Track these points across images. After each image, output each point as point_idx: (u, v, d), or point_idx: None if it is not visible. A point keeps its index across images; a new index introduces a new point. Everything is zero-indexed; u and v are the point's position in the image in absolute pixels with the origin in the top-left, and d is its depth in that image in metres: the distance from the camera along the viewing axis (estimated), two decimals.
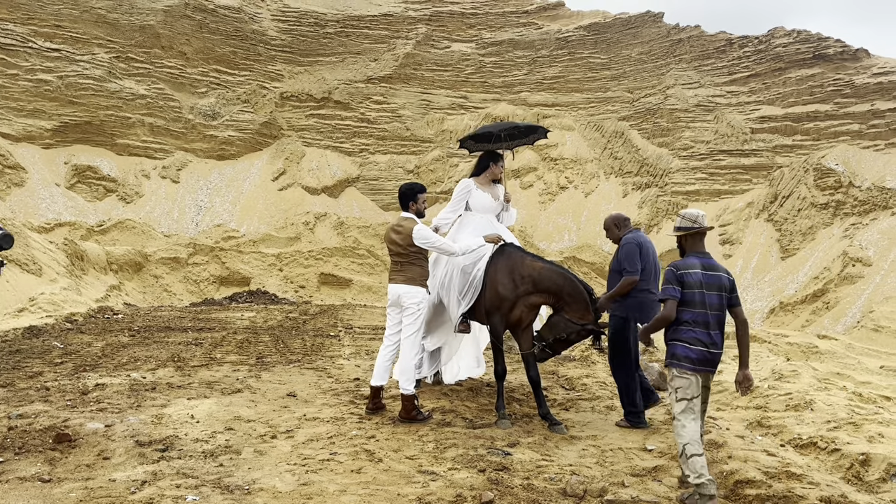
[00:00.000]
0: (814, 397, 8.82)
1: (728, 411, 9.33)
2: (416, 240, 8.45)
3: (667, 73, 63.41)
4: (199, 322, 19.35)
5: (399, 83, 67.32)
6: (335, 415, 9.28)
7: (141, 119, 56.47)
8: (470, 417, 9.23)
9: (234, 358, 13.77)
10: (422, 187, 8.71)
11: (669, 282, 5.71)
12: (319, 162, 59.87)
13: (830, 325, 34.66)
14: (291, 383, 11.38)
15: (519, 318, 8.72)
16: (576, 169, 60.88)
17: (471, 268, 8.94)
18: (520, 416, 9.36)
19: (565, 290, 8.13)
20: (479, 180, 9.66)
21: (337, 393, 10.65)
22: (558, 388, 11.25)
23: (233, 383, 11.24)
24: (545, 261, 8.80)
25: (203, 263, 32.33)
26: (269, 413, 9.35)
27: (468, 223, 9.61)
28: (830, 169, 47.57)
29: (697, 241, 5.88)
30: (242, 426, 8.71)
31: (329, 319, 20.47)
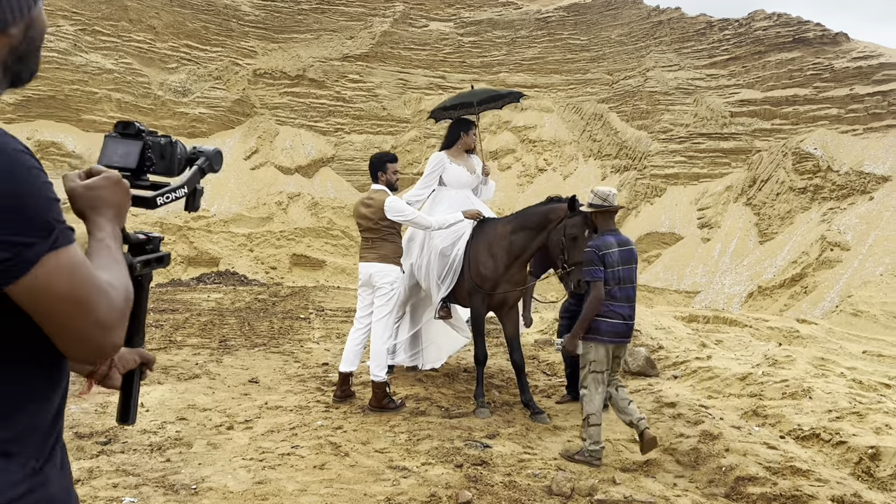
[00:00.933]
0: (811, 384, 8.30)
1: (720, 399, 8.80)
2: (387, 212, 7.76)
3: (647, 55, 62.99)
4: (162, 303, 18.52)
5: (376, 62, 66.16)
6: (300, 403, 8.61)
7: (108, 94, 54.75)
8: (446, 406, 8.62)
9: (196, 341, 13.02)
10: (392, 156, 7.98)
11: (594, 263, 5.86)
12: (293, 141, 58.62)
13: (809, 309, 34.64)
14: (255, 368, 10.68)
15: (503, 298, 8.10)
16: (554, 151, 60.38)
17: (449, 249, 8.27)
18: (499, 405, 8.78)
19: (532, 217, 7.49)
20: (452, 152, 8.96)
21: (303, 379, 9.98)
22: (539, 374, 10.68)
23: (191, 368, 10.51)
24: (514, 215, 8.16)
25: (170, 243, 31.26)
26: (228, 401, 8.65)
27: (443, 199, 8.92)
28: (809, 153, 47.57)
29: (609, 219, 6.06)
30: (197, 415, 7.99)
31: (300, 301, 19.75)
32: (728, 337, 17.95)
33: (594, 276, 5.86)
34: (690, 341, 13.73)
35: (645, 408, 8.62)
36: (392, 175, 7.96)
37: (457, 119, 9.20)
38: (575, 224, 7.07)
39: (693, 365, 10.13)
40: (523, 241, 7.73)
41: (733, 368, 9.35)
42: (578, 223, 7.00)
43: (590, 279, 5.89)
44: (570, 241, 7.04)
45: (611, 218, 6.13)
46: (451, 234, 8.30)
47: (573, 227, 7.01)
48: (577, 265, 6.81)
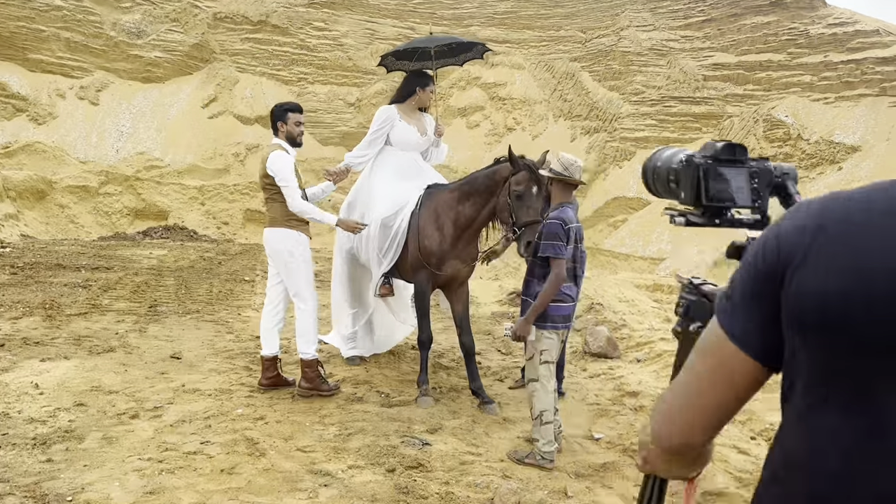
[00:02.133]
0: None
1: None
2: (268, 169, 6.86)
3: (621, 13, 61.68)
4: (98, 259, 17.41)
5: (342, 10, 63.75)
6: (221, 385, 7.74)
7: (56, 33, 51.81)
8: (386, 391, 7.83)
9: (123, 305, 12.03)
10: (295, 105, 6.98)
11: (558, 237, 5.23)
12: (254, 90, 56.38)
13: None
14: (180, 340, 9.78)
15: (452, 274, 7.27)
16: (524, 110, 59.23)
17: (392, 220, 7.37)
18: (446, 390, 8.01)
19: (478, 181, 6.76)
20: (403, 108, 7.98)
21: (232, 355, 9.12)
22: (493, 353, 9.93)
23: (108, 339, 9.56)
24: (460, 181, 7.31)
25: (116, 194, 29.81)
26: (140, 381, 7.76)
27: (388, 162, 7.98)
28: (780, 120, 47.26)
29: (568, 191, 5.47)
30: (98, 400, 7.08)
31: (248, 261, 18.76)
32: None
33: (557, 252, 5.22)
34: (654, 315, 13.13)
35: (604, 396, 7.95)
36: (294, 127, 6.98)
37: (413, 72, 8.19)
38: (519, 181, 6.28)
39: (658, 347, 9.48)
40: (471, 209, 6.89)
41: None
42: (523, 179, 6.20)
43: (552, 255, 5.22)
44: (515, 199, 6.26)
45: (570, 190, 5.49)
46: (393, 203, 7.42)
47: (517, 185, 6.19)
48: (526, 226, 6.02)
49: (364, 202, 7.82)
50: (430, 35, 8.70)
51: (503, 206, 6.35)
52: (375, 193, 7.66)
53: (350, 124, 58.53)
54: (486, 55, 8.89)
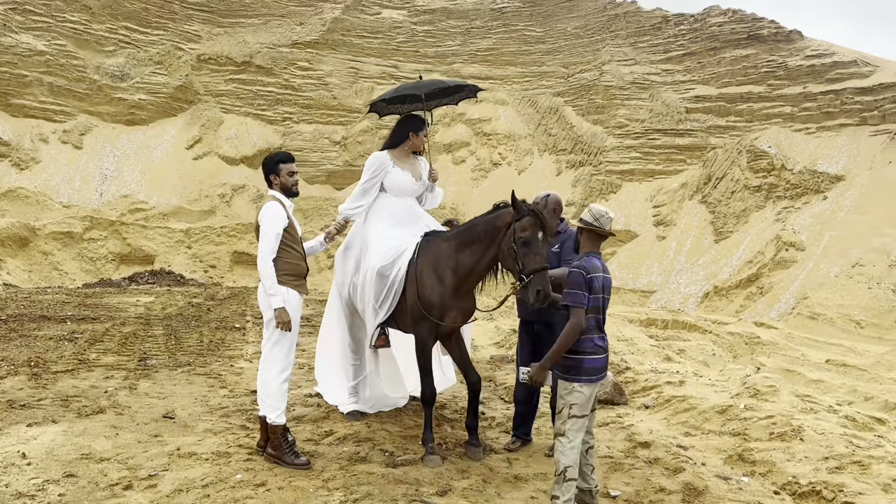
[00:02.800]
0: (801, 422, 7.43)
1: (699, 437, 7.86)
2: (259, 220, 6.64)
3: (603, 48, 62.70)
4: (84, 309, 16.99)
5: (326, 49, 64.34)
6: (219, 448, 7.35)
7: (39, 77, 51.78)
8: (390, 449, 7.45)
9: (112, 359, 11.63)
10: (286, 155, 6.74)
11: (579, 286, 5.22)
12: (239, 130, 56.55)
13: (765, 310, 34.67)
14: (173, 397, 9.36)
15: (451, 327, 7.00)
16: (509, 145, 59.67)
17: (389, 269, 7.09)
18: (452, 446, 7.65)
19: (477, 228, 6.54)
20: (396, 154, 7.75)
21: (227, 413, 8.71)
22: (497, 402, 9.59)
23: (97, 398, 9.14)
24: (458, 229, 7.07)
25: (101, 239, 29.40)
26: (133, 446, 7.33)
27: (383, 209, 7.72)
28: (763, 151, 47.86)
29: (596, 241, 5.50)
30: (90, 469, 6.67)
31: (238, 306, 18.41)
32: (690, 346, 17.36)
33: (577, 301, 5.17)
34: (654, 354, 12.94)
35: (616, 448, 7.65)
36: (288, 177, 6.74)
37: (406, 116, 8.00)
38: (525, 226, 6.00)
39: (666, 392, 9.21)
40: (471, 258, 6.64)
41: (711, 398, 8.46)
42: (529, 224, 5.97)
43: (571, 304, 5.17)
44: (521, 246, 5.97)
45: (599, 240, 5.48)
46: (390, 251, 7.15)
47: (524, 230, 5.97)
48: (535, 273, 5.82)
49: (359, 249, 7.59)
50: (419, 80, 8.55)
51: (507, 253, 6.12)
52: (371, 241, 7.43)
53: (336, 162, 58.51)
54: (476, 94, 8.74)
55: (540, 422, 8.34)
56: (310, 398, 9.05)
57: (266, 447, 6.98)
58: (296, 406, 8.50)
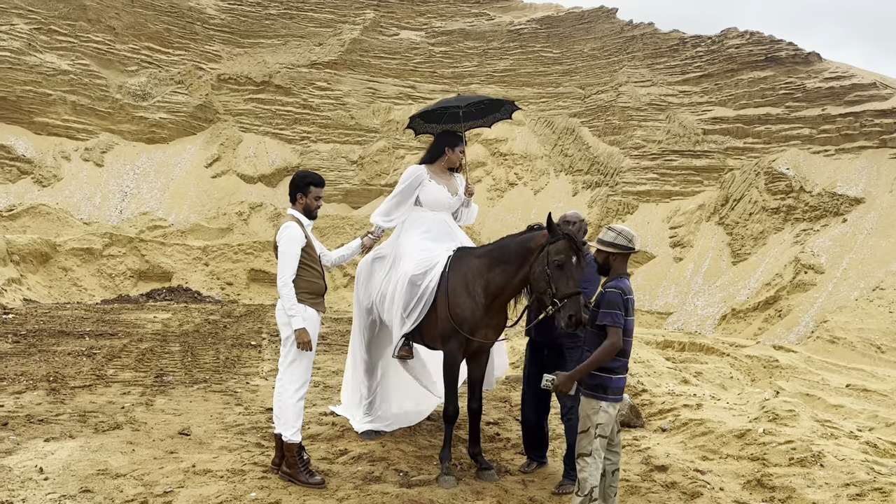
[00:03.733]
0: (821, 447, 7.31)
1: (717, 462, 7.75)
2: (277, 240, 6.66)
3: (619, 70, 62.82)
4: (102, 325, 17.11)
5: (344, 69, 64.97)
6: (233, 465, 7.35)
7: (63, 96, 52.70)
8: (405, 469, 7.42)
9: (129, 375, 11.69)
10: (318, 178, 6.77)
11: (618, 307, 5.30)
12: (257, 149, 57.11)
13: (783, 333, 34.27)
14: (189, 414, 9.38)
15: (481, 344, 6.97)
16: (525, 165, 59.76)
17: (420, 278, 7.04)
18: (466, 467, 7.61)
19: (509, 249, 6.56)
20: (433, 168, 7.75)
21: (242, 430, 8.71)
22: (511, 423, 9.52)
23: (114, 414, 9.18)
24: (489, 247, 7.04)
25: (119, 256, 29.71)
26: (149, 462, 7.35)
27: (418, 222, 7.70)
28: (781, 173, 47.60)
29: (626, 262, 5.58)
30: (106, 485, 6.69)
31: (254, 323, 18.47)
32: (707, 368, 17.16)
33: (615, 321, 5.27)
34: (671, 376, 12.79)
35: (633, 471, 7.56)
36: (314, 200, 6.76)
37: (443, 132, 7.99)
38: (560, 250, 5.96)
39: (683, 416, 9.11)
40: (502, 277, 6.61)
41: (728, 422, 8.35)
42: (563, 248, 5.96)
43: (610, 323, 5.26)
44: (555, 269, 5.92)
45: (627, 261, 5.59)
46: (423, 261, 7.12)
47: (558, 254, 5.94)
48: (568, 297, 5.79)
49: (392, 258, 7.58)
50: (458, 95, 8.60)
51: (539, 275, 6.07)
52: (404, 251, 7.40)
53: (353, 181, 58.87)
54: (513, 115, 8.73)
55: (555, 444, 8.26)
56: (324, 417, 9.03)
57: (281, 465, 6.97)
58: (311, 424, 8.49)
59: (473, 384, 7.11)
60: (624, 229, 5.53)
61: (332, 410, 9.11)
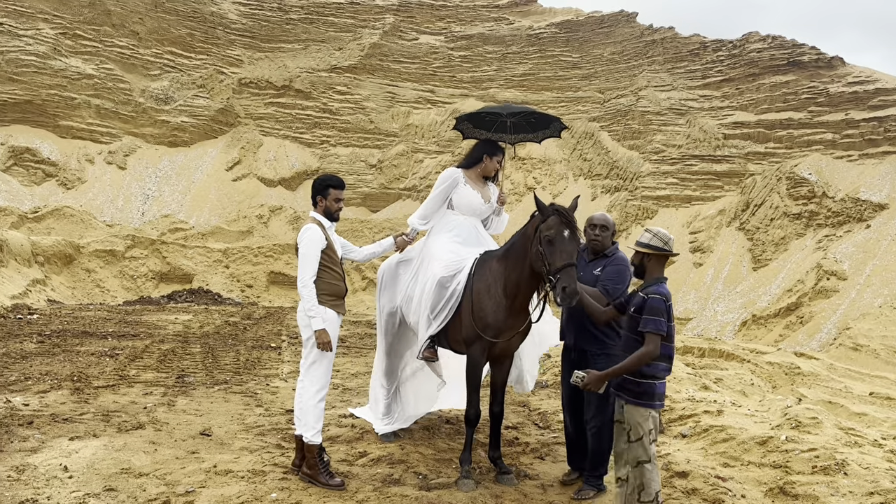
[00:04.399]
0: (845, 455, 7.22)
1: (738, 468, 7.67)
2: (298, 241, 6.68)
3: (639, 74, 62.61)
4: (124, 326, 17.25)
5: (364, 74, 65.33)
6: (254, 466, 7.38)
7: (87, 100, 53.49)
8: (424, 472, 7.41)
9: (151, 376, 11.77)
10: (338, 181, 6.78)
11: (661, 313, 5.24)
12: (277, 152, 57.62)
13: (805, 340, 33.92)
14: (210, 415, 9.43)
15: (506, 347, 6.95)
16: (544, 169, 59.69)
17: (449, 281, 7.02)
18: (486, 470, 7.59)
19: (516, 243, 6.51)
20: (469, 173, 7.74)
21: (263, 431, 8.75)
22: (531, 427, 9.47)
23: (136, 414, 9.25)
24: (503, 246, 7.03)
25: (142, 257, 30.04)
26: (171, 462, 7.40)
27: (448, 226, 7.68)
28: (804, 178, 47.17)
29: (663, 265, 5.51)
30: (129, 484, 6.75)
31: (273, 326, 18.53)
32: (728, 374, 17.00)
33: (658, 328, 5.21)
34: (691, 382, 12.69)
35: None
36: (334, 203, 6.77)
37: (484, 140, 7.96)
38: (550, 226, 5.85)
39: (704, 422, 9.03)
40: (515, 273, 6.56)
41: (750, 429, 8.28)
42: (554, 223, 5.85)
43: (652, 330, 5.20)
44: (547, 245, 5.82)
45: (663, 264, 5.53)
46: (452, 262, 7.10)
47: (549, 230, 5.84)
48: (561, 270, 5.69)
49: (420, 260, 7.58)
50: (505, 104, 8.55)
51: (536, 255, 5.99)
52: (434, 253, 7.39)
53: (371, 185, 59.13)
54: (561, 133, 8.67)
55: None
56: (344, 419, 9.07)
57: (301, 466, 7.00)
58: (330, 426, 8.52)
59: (496, 388, 7.09)
60: (660, 231, 5.48)
61: (351, 413, 9.16)
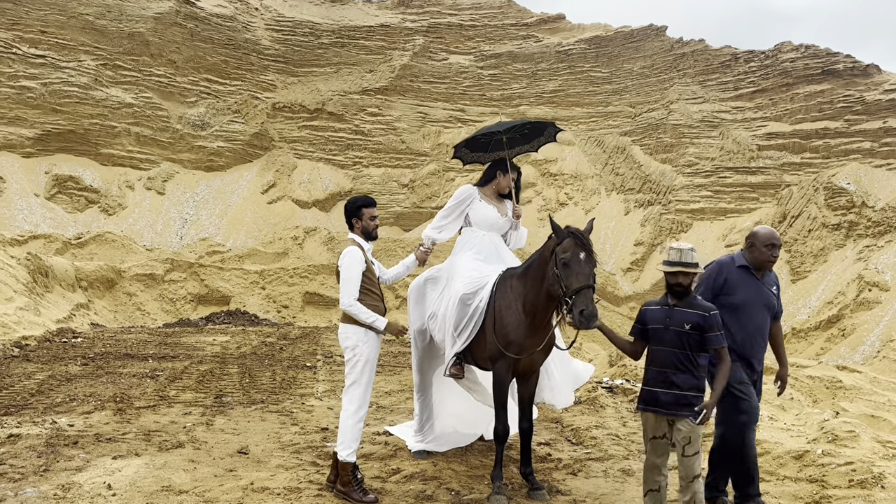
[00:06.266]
0: (882, 469, 7.12)
1: (774, 483, 7.60)
2: (339, 265, 6.81)
3: (670, 87, 62.32)
4: (164, 348, 17.64)
5: (395, 95, 66.11)
6: (290, 483, 7.52)
7: (127, 128, 55.03)
8: (457, 488, 7.48)
9: (190, 396, 12.02)
10: (368, 200, 6.93)
11: (721, 328, 5.39)
12: (311, 175, 58.46)
13: (847, 353, 33.17)
14: (247, 433, 9.62)
15: (530, 363, 7.03)
16: (576, 185, 59.56)
17: (471, 298, 7.16)
18: (518, 486, 7.64)
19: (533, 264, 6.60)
20: (484, 191, 7.92)
21: (298, 449, 8.90)
22: (563, 443, 9.47)
23: (176, 433, 9.47)
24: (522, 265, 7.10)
25: (180, 280, 30.73)
26: (209, 480, 7.58)
27: (469, 244, 7.86)
28: (842, 188, 46.35)
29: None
30: (169, 501, 6.94)
31: (309, 346, 18.77)
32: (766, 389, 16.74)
33: (724, 341, 5.42)
34: None
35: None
36: (370, 221, 6.92)
37: (496, 159, 8.16)
38: (565, 248, 5.95)
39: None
40: (534, 292, 6.67)
41: (786, 443, 8.20)
42: (569, 246, 5.94)
43: (723, 345, 5.40)
44: (563, 268, 5.90)
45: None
46: (474, 280, 7.24)
47: (564, 252, 5.94)
48: (577, 293, 5.73)
49: (446, 279, 7.72)
50: (498, 122, 8.70)
51: (552, 278, 6.09)
52: (456, 271, 7.53)
53: (404, 205, 59.68)
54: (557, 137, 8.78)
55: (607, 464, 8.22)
56: (377, 436, 9.17)
57: (336, 483, 7.11)
58: (364, 444, 8.62)
59: (524, 404, 7.14)
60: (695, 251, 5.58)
61: (386, 430, 9.25)
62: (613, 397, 12.08)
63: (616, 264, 53.48)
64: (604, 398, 11.94)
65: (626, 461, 8.20)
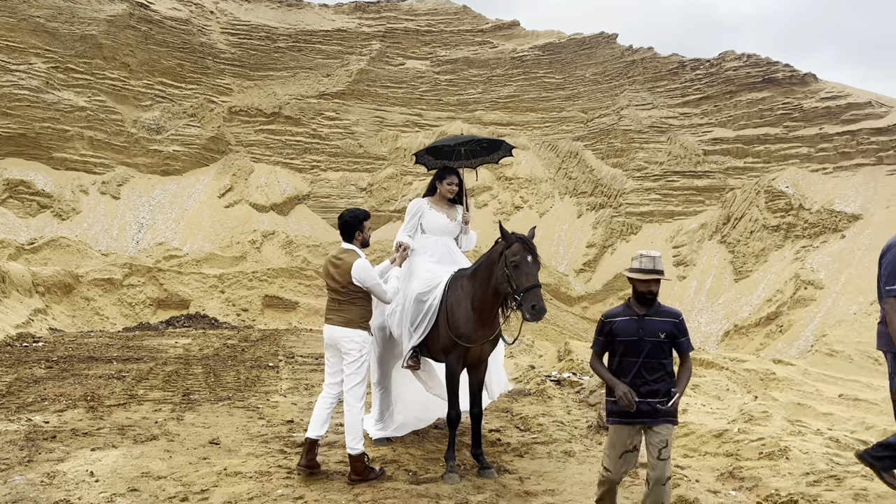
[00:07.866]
0: (788, 443, 8.05)
1: (696, 458, 8.50)
2: (354, 278, 7.41)
3: (620, 93, 63.91)
4: (127, 351, 17.86)
5: (352, 99, 66.36)
6: (261, 468, 8.13)
7: (80, 132, 54.19)
8: (414, 469, 8.18)
9: (158, 395, 12.44)
10: (367, 213, 7.69)
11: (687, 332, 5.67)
12: (268, 178, 58.37)
13: (784, 348, 34.74)
14: (217, 427, 10.15)
15: (479, 355, 7.79)
16: (530, 189, 60.65)
17: (426, 296, 7.94)
18: (470, 466, 8.37)
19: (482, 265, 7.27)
20: (433, 199, 8.73)
21: (266, 439, 9.49)
22: (512, 430, 10.25)
23: (149, 427, 9.96)
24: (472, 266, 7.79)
25: (139, 285, 30.67)
26: (185, 467, 8.14)
27: (424, 248, 8.65)
28: (781, 191, 48.29)
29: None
30: (150, 485, 7.50)
31: (270, 347, 19.19)
32: (705, 381, 17.73)
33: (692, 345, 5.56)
34: None
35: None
36: (367, 233, 7.69)
37: (441, 168, 8.95)
38: (515, 252, 6.68)
39: None
40: (481, 290, 7.46)
41: (709, 424, 9.11)
42: (518, 250, 6.65)
43: (692, 349, 5.48)
44: (513, 269, 6.62)
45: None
46: (428, 280, 8.01)
47: (514, 255, 6.65)
48: (527, 291, 6.43)
49: (404, 280, 8.46)
50: (459, 134, 9.48)
51: (501, 277, 6.86)
52: (413, 272, 8.29)
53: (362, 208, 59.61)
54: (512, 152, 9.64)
55: (551, 447, 8.98)
56: (341, 427, 9.79)
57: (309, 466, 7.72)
58: (329, 433, 9.24)
59: (473, 392, 7.88)
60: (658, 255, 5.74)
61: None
62: (560, 389, 12.85)
63: (569, 265, 54.65)
64: (551, 390, 12.70)
65: (569, 444, 8.88)
